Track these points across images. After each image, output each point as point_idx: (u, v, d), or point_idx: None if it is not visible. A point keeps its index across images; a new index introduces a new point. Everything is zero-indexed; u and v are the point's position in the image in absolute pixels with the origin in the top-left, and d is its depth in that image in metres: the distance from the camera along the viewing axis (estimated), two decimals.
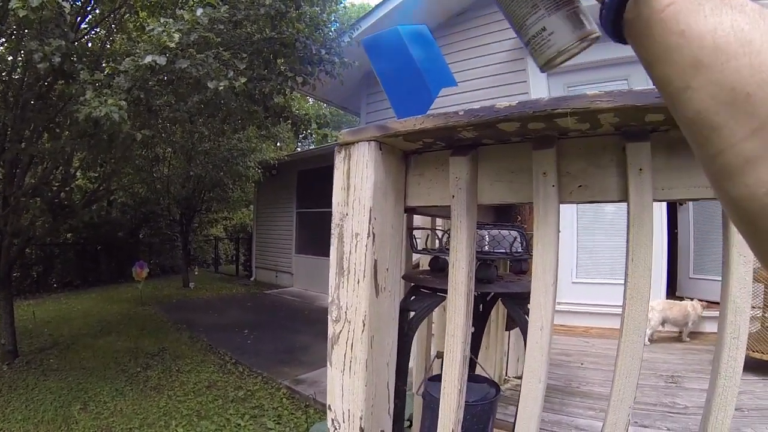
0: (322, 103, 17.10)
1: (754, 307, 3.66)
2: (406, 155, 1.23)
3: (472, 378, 1.71)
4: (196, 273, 15.19)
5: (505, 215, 2.23)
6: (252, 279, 14.53)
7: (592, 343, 4.80)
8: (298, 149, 20.03)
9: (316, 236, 12.24)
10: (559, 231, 1.06)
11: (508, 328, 3.29)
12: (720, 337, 1.02)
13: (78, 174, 6.88)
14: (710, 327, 4.75)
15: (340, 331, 1.18)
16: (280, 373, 5.68)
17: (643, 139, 0.95)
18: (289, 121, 5.89)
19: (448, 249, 1.60)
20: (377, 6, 6.52)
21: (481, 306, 1.80)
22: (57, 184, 6.49)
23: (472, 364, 1.83)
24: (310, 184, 12.59)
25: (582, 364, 4.03)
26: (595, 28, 0.49)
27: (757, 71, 0.30)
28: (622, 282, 1.00)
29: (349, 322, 1.15)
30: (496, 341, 3.23)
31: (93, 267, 13.42)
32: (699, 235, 5.95)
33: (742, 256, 0.98)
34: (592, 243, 5.82)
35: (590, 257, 5.81)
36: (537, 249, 1.05)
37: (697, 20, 0.33)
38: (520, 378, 3.57)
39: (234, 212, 18.42)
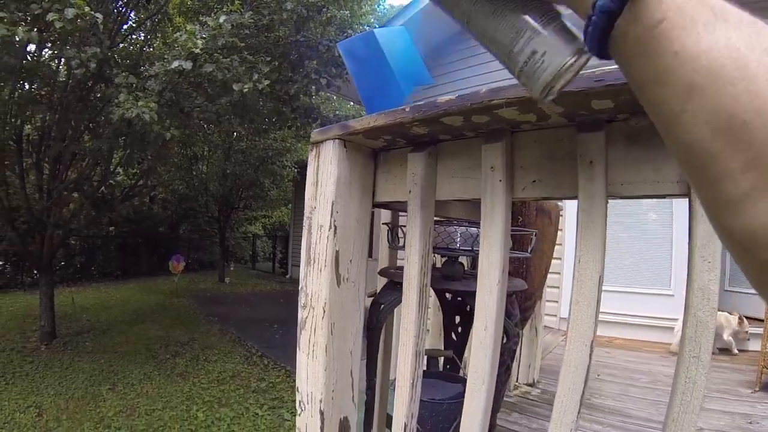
0: (362, 105, 17.23)
1: None
2: (375, 153, 1.29)
3: (452, 378, 1.74)
4: (232, 269, 15.56)
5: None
6: (288, 276, 14.76)
7: (613, 354, 4.70)
8: None
9: None
10: (509, 229, 1.06)
11: None
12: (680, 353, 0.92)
13: (119, 170, 7.25)
14: (754, 345, 4.53)
15: (306, 316, 1.24)
16: None
17: (595, 129, 0.88)
18: (318, 122, 6.02)
19: (399, 247, 1.64)
20: (404, 8, 6.55)
21: (468, 306, 1.83)
22: (97, 179, 6.86)
23: (456, 364, 1.86)
24: None
25: (599, 375, 3.96)
26: None
27: (755, 98, 0.29)
28: (650, 292, 0.97)
29: (313, 308, 1.21)
30: None
31: (133, 259, 13.96)
32: None
33: (707, 262, 0.86)
34: (618, 250, 5.70)
35: (616, 265, 5.69)
36: (483, 247, 1.04)
37: (691, 39, 0.31)
38: (531, 385, 3.55)
39: (273, 210, 18.73)
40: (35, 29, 4.03)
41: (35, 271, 10.24)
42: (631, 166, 0.86)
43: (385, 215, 1.81)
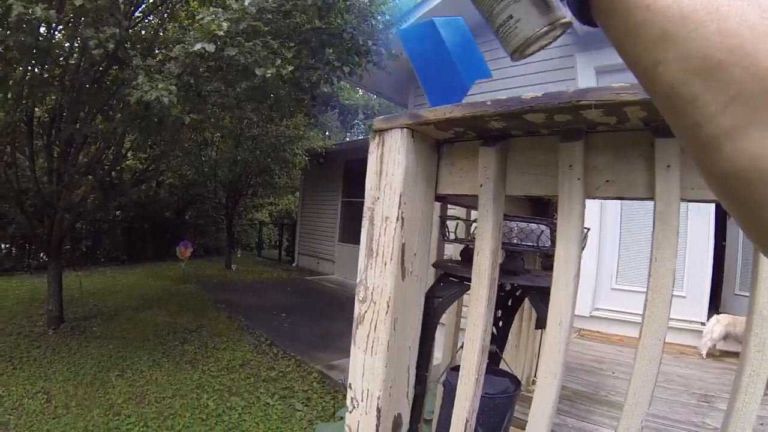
0: (371, 95, 17.15)
1: None
2: (438, 144, 1.25)
3: (495, 372, 1.71)
4: (238, 255, 15.58)
5: (542, 210, 2.20)
6: (294, 264, 14.78)
7: (627, 352, 4.69)
8: (347, 140, 20.19)
9: (359, 226, 12.34)
10: (585, 227, 1.06)
11: (539, 326, 3.24)
12: (744, 350, 1.00)
13: (129, 155, 7.18)
14: None
15: (366, 311, 1.22)
16: (314, 358, 5.79)
17: (672, 135, 0.92)
18: (336, 110, 5.96)
19: (469, 240, 1.62)
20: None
21: (510, 300, 1.80)
22: (108, 163, 6.81)
23: (497, 358, 1.83)
24: (357, 174, 12.74)
25: (613, 372, 3.95)
26: (564, 13, 0.47)
27: (726, 37, 0.29)
28: None
29: (375, 302, 1.19)
30: (527, 341, 3.20)
31: (139, 244, 13.94)
32: (748, 249, 5.69)
33: None
34: (636, 249, 5.66)
35: (633, 264, 5.66)
36: (560, 243, 1.05)
37: None
38: None
39: (280, 198, 18.73)
40: (53, 8, 3.97)
41: (42, 255, 10.24)
42: None
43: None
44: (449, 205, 1.75)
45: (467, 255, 1.64)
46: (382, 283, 1.16)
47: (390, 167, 1.16)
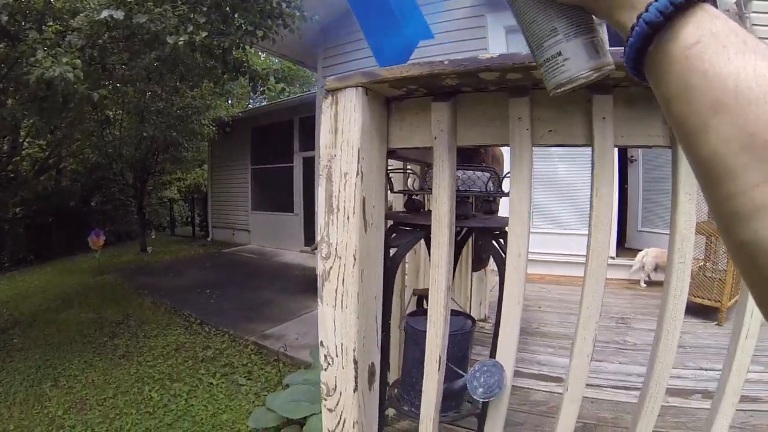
0: (274, 58, 16.61)
1: (695, 258, 3.98)
2: (387, 101, 1.30)
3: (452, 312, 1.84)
4: (152, 237, 14.92)
5: (471, 161, 2.34)
6: (209, 239, 14.45)
7: (548, 289, 5.09)
8: (250, 106, 19.51)
9: (271, 193, 12.34)
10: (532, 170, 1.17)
11: (475, 268, 3.44)
12: (669, 264, 1.16)
13: (26, 143, 6.50)
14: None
15: (331, 267, 1.24)
16: (247, 330, 5.75)
17: (606, 92, 1.10)
18: (247, 76, 5.76)
19: (421, 190, 1.70)
20: None
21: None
22: (4, 155, 6.14)
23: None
24: (265, 141, 12.57)
25: (540, 307, 4.29)
26: (610, 59, 0.50)
27: None
28: (575, 233, 1.13)
29: (340, 257, 1.22)
30: (461, 284, 3.39)
31: (45, 240, 12.93)
32: (647, 191, 6.31)
33: (688, 194, 1.12)
34: (545, 196, 6.09)
35: (545, 209, 6.09)
36: (514, 185, 1.16)
37: (721, 62, 0.33)
38: (483, 320, 3.76)
39: (187, 173, 17.98)
40: None
41: None
42: (631, 123, 1.13)
43: None
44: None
45: (412, 206, 1.73)
46: (347, 237, 1.20)
47: (346, 125, 1.19)
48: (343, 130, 1.20)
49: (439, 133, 1.18)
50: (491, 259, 1.85)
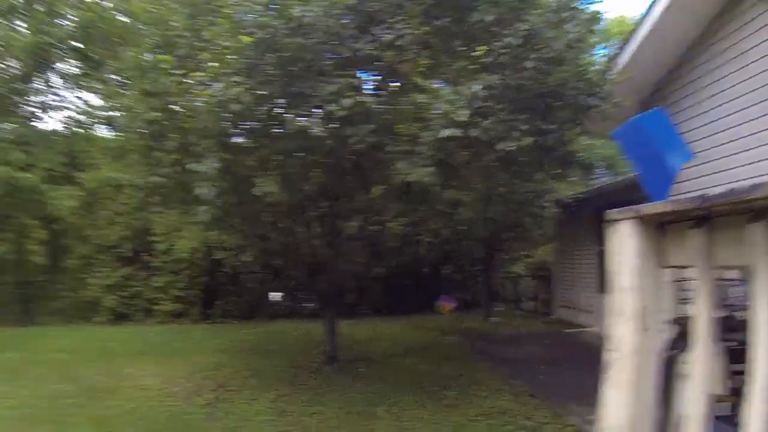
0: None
1: None
2: (661, 224, 1.52)
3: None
4: (497, 309, 15.79)
5: None
6: (552, 316, 14.37)
7: None
8: (597, 184, 19.11)
9: None
10: None
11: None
12: None
13: (391, 224, 8.27)
14: None
15: (613, 358, 1.53)
16: (572, 411, 5.66)
17: None
18: (576, 168, 6.03)
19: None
20: (633, 31, 6.22)
21: None
22: (376, 230, 8.00)
23: None
24: None
25: None
26: None
27: None
28: None
29: (619, 351, 1.50)
30: None
31: (399, 298, 15.13)
32: None
33: None
34: None
35: None
36: None
37: None
38: None
39: (534, 251, 18.54)
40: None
41: (311, 303, 12.39)
42: None
43: None
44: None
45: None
46: (625, 336, 1.48)
47: (623, 248, 1.49)
48: (621, 252, 1.51)
49: (696, 256, 1.30)
50: None
